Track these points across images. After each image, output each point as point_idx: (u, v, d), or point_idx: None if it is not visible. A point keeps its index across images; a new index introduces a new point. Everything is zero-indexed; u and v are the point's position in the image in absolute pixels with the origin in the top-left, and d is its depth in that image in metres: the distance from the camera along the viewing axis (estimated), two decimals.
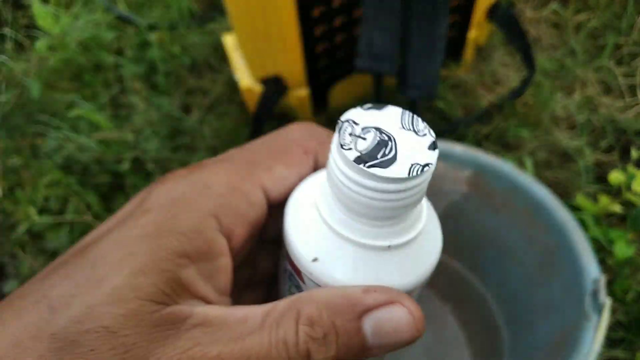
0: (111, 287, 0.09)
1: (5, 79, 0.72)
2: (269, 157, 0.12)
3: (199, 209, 0.10)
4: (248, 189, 0.11)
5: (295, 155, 0.12)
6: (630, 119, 0.61)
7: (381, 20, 0.43)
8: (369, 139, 0.10)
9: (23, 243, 0.60)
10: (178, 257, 0.09)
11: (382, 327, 0.10)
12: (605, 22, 0.69)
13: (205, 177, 0.11)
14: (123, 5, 0.76)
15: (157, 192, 0.10)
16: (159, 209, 0.10)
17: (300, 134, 0.12)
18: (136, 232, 0.10)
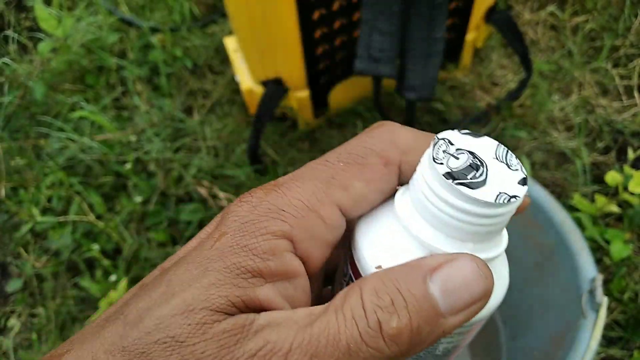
0: (181, 300, 0.09)
1: (9, 80, 0.73)
2: (346, 172, 0.11)
3: (273, 232, 0.10)
4: (324, 211, 0.10)
5: (375, 169, 0.11)
6: (627, 120, 0.62)
7: (380, 23, 0.44)
8: (461, 159, 0.10)
9: (26, 243, 0.61)
10: (252, 276, 0.10)
11: (450, 284, 0.09)
12: (603, 25, 0.69)
13: (280, 199, 0.10)
14: (125, 8, 0.77)
15: (233, 215, 0.10)
16: (234, 232, 0.10)
17: (381, 141, 0.11)
18: (212, 253, 0.10)
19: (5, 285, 0.60)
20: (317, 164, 0.11)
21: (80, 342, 0.10)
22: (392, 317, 0.09)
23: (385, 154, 0.11)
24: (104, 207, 0.56)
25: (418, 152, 0.11)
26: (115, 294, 0.46)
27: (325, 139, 0.61)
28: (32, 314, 0.57)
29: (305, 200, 0.10)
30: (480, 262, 0.10)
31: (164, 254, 0.53)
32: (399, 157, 0.11)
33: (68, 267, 0.58)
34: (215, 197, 0.57)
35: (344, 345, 0.09)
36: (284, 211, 0.10)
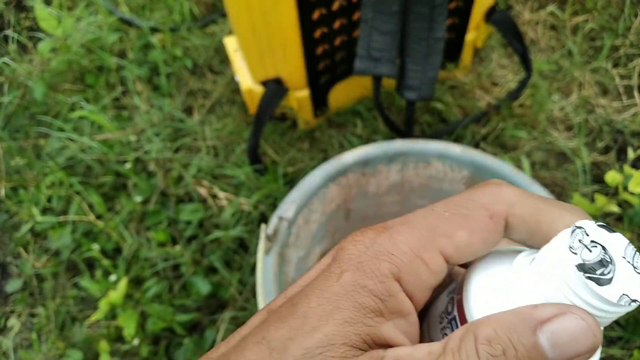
0: (324, 334, 0.11)
1: (9, 80, 0.73)
2: (451, 222, 0.11)
3: (385, 274, 0.11)
4: (429, 257, 0.11)
5: (480, 221, 0.11)
6: (627, 120, 0.62)
7: (380, 22, 0.44)
8: (594, 253, 0.10)
9: (26, 243, 0.61)
10: (375, 315, 0.11)
11: (559, 338, 0.10)
12: (603, 24, 0.69)
13: (389, 242, 0.11)
14: (125, 8, 0.77)
15: (349, 254, 0.12)
16: (353, 271, 0.11)
17: (487, 195, 0.12)
18: (339, 290, 0.11)
19: (5, 285, 0.60)
20: (425, 212, 0.12)
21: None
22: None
23: (491, 207, 0.11)
24: (104, 207, 0.56)
25: (525, 207, 0.12)
26: (115, 293, 0.46)
27: (325, 139, 0.61)
28: (31, 314, 0.57)
29: (412, 246, 0.11)
30: (590, 319, 0.10)
31: (163, 254, 0.53)
32: (505, 210, 0.12)
33: (68, 267, 0.58)
34: (215, 197, 0.57)
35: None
36: (393, 255, 0.11)
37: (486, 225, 0.11)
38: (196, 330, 0.51)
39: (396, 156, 0.42)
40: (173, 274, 0.53)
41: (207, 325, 0.50)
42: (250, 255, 0.52)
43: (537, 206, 0.12)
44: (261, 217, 0.54)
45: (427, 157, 0.42)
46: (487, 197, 0.12)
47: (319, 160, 0.59)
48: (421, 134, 0.60)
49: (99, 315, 0.46)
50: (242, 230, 0.52)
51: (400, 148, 0.41)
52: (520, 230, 0.12)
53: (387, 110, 0.62)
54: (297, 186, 0.39)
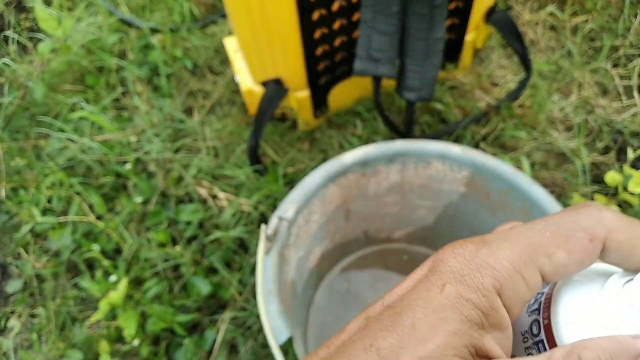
0: (436, 345, 0.11)
1: (9, 81, 0.73)
2: (551, 241, 0.12)
3: (488, 289, 0.11)
4: (528, 274, 0.12)
5: (580, 242, 0.12)
6: (627, 120, 0.62)
7: (379, 23, 0.44)
8: None
9: (26, 243, 0.61)
10: (478, 327, 0.11)
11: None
12: (602, 25, 0.69)
13: (490, 257, 0.12)
14: (125, 9, 0.77)
15: (449, 267, 0.12)
16: (456, 284, 0.12)
17: (588, 219, 0.12)
18: (444, 301, 0.11)
19: (6, 286, 0.60)
20: (525, 230, 0.12)
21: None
22: None
23: (591, 230, 0.12)
24: (104, 208, 0.56)
25: (624, 233, 0.12)
26: (115, 294, 0.46)
27: (325, 139, 0.61)
28: (32, 315, 0.57)
29: (513, 262, 0.12)
30: None
31: (164, 254, 0.53)
32: (605, 235, 0.12)
33: (68, 268, 0.58)
34: (215, 197, 0.57)
35: None
36: (496, 270, 0.12)
37: (585, 248, 0.12)
38: (196, 330, 0.51)
39: (396, 157, 0.42)
40: (173, 275, 0.53)
41: (207, 326, 0.50)
42: (251, 256, 0.52)
43: (635, 232, 0.12)
44: (261, 218, 0.54)
45: (427, 157, 0.42)
46: (588, 220, 0.12)
47: (319, 160, 0.59)
48: (421, 134, 0.60)
49: (99, 315, 0.46)
50: (242, 231, 0.52)
51: (400, 148, 0.41)
52: (616, 255, 0.12)
53: (387, 110, 0.62)
54: (297, 186, 0.39)
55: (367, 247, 0.52)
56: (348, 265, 0.51)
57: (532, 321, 0.13)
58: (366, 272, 0.51)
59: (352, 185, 0.43)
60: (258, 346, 0.48)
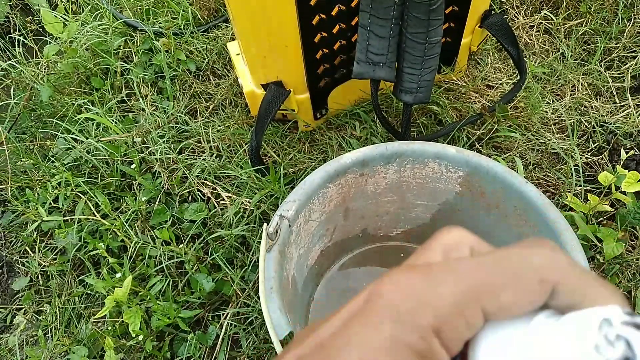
0: None
1: (15, 82, 0.74)
2: (499, 280, 0.11)
3: (426, 329, 0.11)
4: (470, 313, 0.11)
5: (529, 284, 0.11)
6: (620, 121, 0.63)
7: (377, 27, 0.45)
8: (618, 350, 0.10)
9: (32, 241, 0.62)
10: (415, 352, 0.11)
11: None
12: (596, 28, 0.71)
13: (432, 293, 0.11)
14: (129, 13, 0.79)
15: (388, 302, 0.11)
16: (393, 323, 0.11)
17: (541, 260, 0.11)
18: (379, 343, 0.11)
19: (12, 283, 0.61)
20: (473, 265, 0.12)
21: None
22: None
23: (543, 272, 0.11)
24: (110, 207, 0.58)
25: (576, 279, 0.11)
26: (120, 291, 0.48)
27: (324, 140, 0.62)
28: (38, 311, 0.58)
29: (455, 300, 0.11)
30: None
31: (168, 252, 0.54)
32: (556, 279, 0.11)
33: (74, 265, 0.59)
34: (218, 196, 0.58)
35: None
36: (436, 308, 0.11)
37: (534, 290, 0.11)
38: (200, 326, 0.52)
39: (393, 157, 0.43)
40: (177, 272, 0.55)
41: (210, 321, 0.51)
42: (252, 253, 0.53)
43: (585, 281, 0.11)
44: (263, 217, 0.55)
45: (423, 158, 0.43)
46: (541, 261, 0.11)
47: (319, 161, 0.60)
48: (418, 135, 0.61)
49: (105, 312, 0.47)
50: (244, 229, 0.54)
51: (398, 149, 0.42)
52: (563, 300, 0.11)
53: (385, 112, 0.63)
54: (298, 186, 0.40)
55: (365, 245, 0.53)
56: (347, 262, 0.53)
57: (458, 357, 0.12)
58: (365, 269, 0.52)
59: (351, 185, 0.44)
60: (260, 341, 0.49)
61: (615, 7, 0.71)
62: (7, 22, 0.85)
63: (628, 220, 0.51)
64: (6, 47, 0.78)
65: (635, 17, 0.71)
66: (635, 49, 0.69)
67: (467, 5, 0.55)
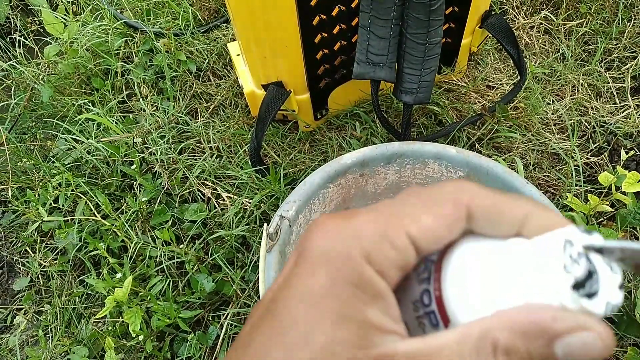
0: (321, 346, 0.10)
1: (16, 83, 0.74)
2: (417, 208, 0.12)
3: (356, 260, 0.11)
4: (394, 236, 0.11)
5: (444, 207, 0.12)
6: (620, 121, 0.63)
7: (377, 28, 0.45)
8: (582, 266, 0.11)
9: (33, 241, 0.62)
10: (361, 304, 0.11)
11: (574, 351, 0.10)
12: (596, 28, 0.71)
13: (355, 228, 0.11)
14: (130, 13, 0.79)
15: (317, 248, 0.11)
16: (326, 267, 0.11)
17: (452, 188, 0.12)
18: (318, 290, 0.11)
19: (13, 284, 0.62)
20: (390, 201, 0.12)
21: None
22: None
23: (454, 196, 0.12)
24: (110, 207, 0.58)
25: (487, 198, 0.12)
26: (120, 291, 0.48)
27: (325, 141, 0.62)
28: (38, 312, 0.58)
29: (377, 228, 0.11)
30: (604, 333, 0.11)
31: (168, 252, 0.54)
32: (467, 199, 0.12)
33: (74, 265, 0.59)
34: (219, 197, 0.58)
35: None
36: (360, 238, 0.11)
37: (450, 212, 0.12)
38: (200, 326, 0.52)
39: (394, 157, 0.43)
40: (177, 272, 0.55)
41: (210, 322, 0.51)
42: (253, 254, 0.53)
43: (496, 197, 0.12)
44: (263, 217, 0.55)
45: (423, 158, 0.43)
46: (450, 188, 0.12)
47: (319, 161, 0.60)
48: (418, 136, 0.61)
49: (105, 312, 0.48)
50: (244, 229, 0.54)
51: (398, 150, 0.42)
52: (483, 219, 0.12)
53: (385, 113, 0.63)
54: (298, 186, 0.40)
55: None
56: None
57: (423, 291, 0.13)
58: None
59: (351, 185, 0.44)
60: None
61: (616, 8, 0.71)
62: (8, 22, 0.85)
63: (628, 221, 0.51)
64: (7, 48, 0.78)
65: (635, 17, 0.71)
66: (635, 50, 0.69)
67: (468, 5, 0.55)
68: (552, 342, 0.10)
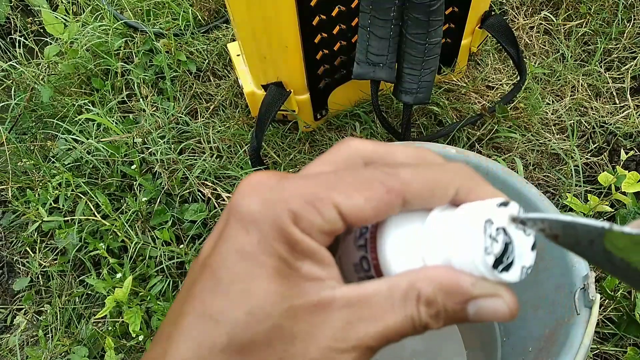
0: (261, 299, 0.11)
1: (16, 83, 0.74)
2: (350, 185, 0.12)
3: (285, 222, 0.12)
4: (322, 206, 0.12)
5: (377, 191, 0.12)
6: (620, 121, 0.63)
7: (377, 28, 0.45)
8: (499, 242, 0.12)
9: (33, 242, 0.62)
10: (293, 259, 0.12)
11: (483, 312, 0.12)
12: (596, 29, 0.71)
13: (285, 191, 0.12)
14: (130, 14, 0.79)
15: (247, 208, 0.12)
16: (256, 226, 0.12)
17: (384, 174, 0.12)
18: (253, 247, 0.12)
19: (13, 284, 0.62)
20: (326, 173, 0.13)
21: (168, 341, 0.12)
22: (434, 321, 0.12)
23: (388, 183, 0.12)
24: (110, 207, 0.58)
25: (419, 182, 0.12)
26: (120, 291, 0.48)
27: (324, 141, 0.62)
28: (38, 312, 0.58)
29: (306, 194, 0.12)
30: (511, 302, 0.12)
31: (168, 252, 0.54)
32: (400, 187, 0.12)
33: (74, 266, 0.59)
34: (219, 197, 0.58)
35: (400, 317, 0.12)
36: (288, 202, 0.12)
37: (382, 197, 0.12)
38: None
39: None
40: (177, 272, 0.55)
41: None
42: None
43: (427, 177, 0.12)
44: None
45: None
46: (385, 174, 0.12)
47: None
48: (418, 136, 0.61)
49: (105, 312, 0.48)
50: None
51: None
52: (417, 203, 0.13)
53: (385, 113, 0.63)
54: None
55: None
56: None
57: (361, 257, 0.13)
58: None
59: None
60: None
61: (615, 8, 0.71)
62: (8, 23, 0.85)
63: (628, 221, 0.51)
64: (7, 48, 0.78)
65: (635, 18, 0.71)
66: (635, 50, 0.69)
67: (467, 6, 0.55)
68: (467, 302, 0.12)
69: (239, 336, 0.11)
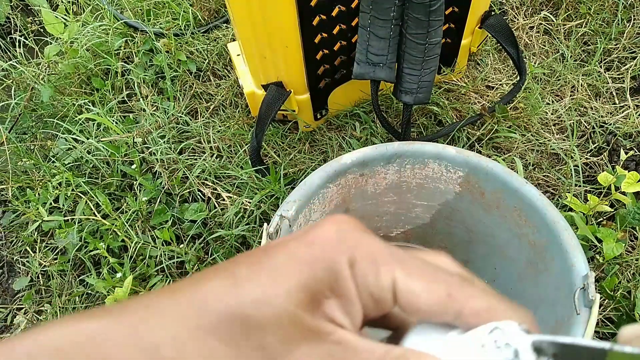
0: (285, 288, 0.12)
1: (16, 83, 0.74)
2: (417, 269, 0.12)
3: (342, 259, 0.12)
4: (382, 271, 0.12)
5: (442, 288, 0.12)
6: (619, 122, 0.63)
7: (377, 28, 0.45)
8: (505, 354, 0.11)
9: (33, 241, 0.62)
10: (326, 289, 0.12)
11: None
12: (596, 29, 0.71)
13: (359, 239, 0.13)
14: (130, 13, 0.79)
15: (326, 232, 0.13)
16: (318, 245, 0.12)
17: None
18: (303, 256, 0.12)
19: (13, 283, 0.62)
20: (402, 251, 0.13)
21: None
22: None
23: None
24: (110, 207, 0.58)
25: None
26: (120, 290, 0.48)
27: (324, 141, 0.63)
28: (38, 311, 0.58)
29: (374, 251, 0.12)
30: None
31: (168, 252, 0.55)
32: (463, 304, 0.12)
33: (74, 265, 0.59)
34: (219, 197, 0.58)
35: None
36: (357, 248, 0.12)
37: (442, 299, 0.12)
38: None
39: (393, 158, 0.43)
40: (177, 272, 0.55)
41: None
42: None
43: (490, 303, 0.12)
44: (263, 217, 0.55)
45: (423, 158, 0.43)
46: (459, 281, 0.12)
47: (319, 161, 0.60)
48: (418, 136, 0.61)
49: None
50: (244, 229, 0.54)
51: (398, 150, 0.43)
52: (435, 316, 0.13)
53: (385, 113, 0.63)
54: (298, 186, 0.40)
55: None
56: None
57: None
58: None
59: (351, 185, 0.44)
60: None
61: (615, 8, 0.71)
62: (8, 22, 0.85)
63: (627, 221, 0.51)
64: (7, 48, 0.78)
65: (634, 18, 0.71)
66: (634, 50, 0.69)
67: (467, 6, 0.55)
68: None
69: (243, 310, 0.11)
